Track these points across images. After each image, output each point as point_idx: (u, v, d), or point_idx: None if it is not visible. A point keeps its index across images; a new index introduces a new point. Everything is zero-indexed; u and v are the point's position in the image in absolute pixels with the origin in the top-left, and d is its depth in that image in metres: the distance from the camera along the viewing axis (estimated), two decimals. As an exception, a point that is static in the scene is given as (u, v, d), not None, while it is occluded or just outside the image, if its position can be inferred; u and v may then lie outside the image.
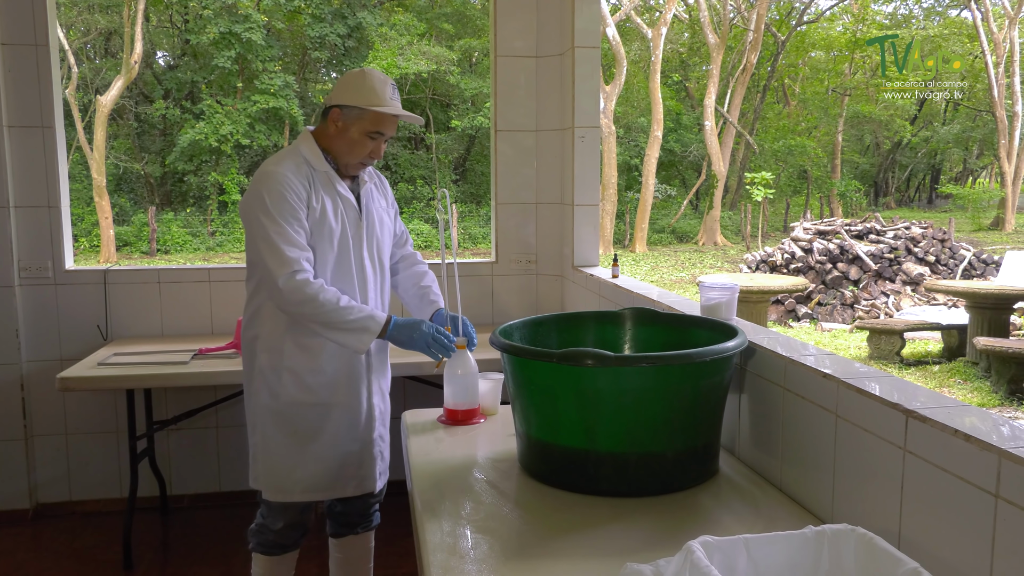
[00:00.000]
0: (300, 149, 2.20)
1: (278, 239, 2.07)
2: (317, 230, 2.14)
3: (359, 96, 2.14)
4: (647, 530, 1.46)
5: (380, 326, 2.12)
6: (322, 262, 2.16)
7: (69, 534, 3.37)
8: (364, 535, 2.48)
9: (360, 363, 2.25)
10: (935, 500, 1.19)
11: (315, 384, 2.20)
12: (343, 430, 2.24)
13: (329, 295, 2.08)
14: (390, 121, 2.18)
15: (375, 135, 2.17)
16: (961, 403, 1.29)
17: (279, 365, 2.19)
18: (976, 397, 6.49)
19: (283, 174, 2.11)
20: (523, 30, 3.68)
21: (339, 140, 2.19)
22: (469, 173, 25.16)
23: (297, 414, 2.20)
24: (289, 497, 2.24)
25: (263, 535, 2.31)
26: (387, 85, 2.17)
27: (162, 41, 22.94)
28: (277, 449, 2.22)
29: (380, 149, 2.20)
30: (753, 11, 22.21)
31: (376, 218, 2.31)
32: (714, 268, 16.71)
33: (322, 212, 2.15)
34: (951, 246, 11.32)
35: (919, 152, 32.58)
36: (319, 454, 2.22)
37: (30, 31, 3.32)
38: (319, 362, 2.19)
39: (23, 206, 3.40)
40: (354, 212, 2.24)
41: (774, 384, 1.67)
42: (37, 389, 3.46)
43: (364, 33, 21.69)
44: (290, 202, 2.09)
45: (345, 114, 2.16)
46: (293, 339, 2.18)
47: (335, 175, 2.21)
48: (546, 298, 3.80)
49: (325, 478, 2.24)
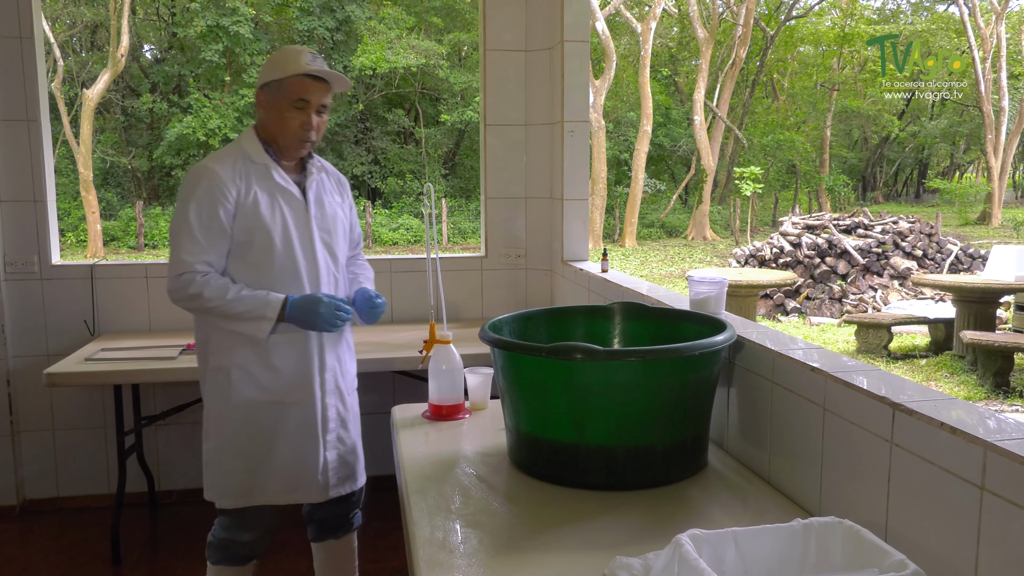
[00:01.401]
0: (241, 143, 2.18)
1: (183, 240, 2.08)
2: (250, 225, 2.10)
3: (274, 70, 2.12)
4: (636, 523, 1.47)
5: (276, 310, 2.08)
6: (266, 257, 2.12)
7: (57, 530, 3.35)
8: (346, 537, 2.45)
9: (312, 360, 2.20)
10: (921, 492, 1.20)
11: (267, 382, 2.16)
12: (300, 430, 2.19)
13: (214, 290, 2.06)
14: (311, 86, 2.12)
15: (300, 103, 2.11)
16: (947, 396, 1.29)
17: (230, 364, 2.15)
18: (962, 390, 6.54)
19: (213, 171, 2.09)
20: (512, 24, 3.68)
21: (270, 121, 2.15)
22: (459, 167, 25.12)
23: (252, 414, 2.16)
24: (249, 501, 2.19)
25: (229, 549, 2.23)
26: (302, 53, 2.13)
27: (149, 34, 22.77)
28: (235, 452, 2.17)
29: (312, 120, 2.14)
30: (742, 6, 22.24)
31: (329, 210, 2.26)
32: (703, 262, 16.75)
33: (255, 207, 2.11)
34: (938, 240, 11.39)
35: (907, 147, 32.78)
36: (278, 456, 2.18)
37: (15, 23, 3.29)
38: (269, 358, 2.15)
39: (8, 200, 3.37)
40: (299, 203, 2.18)
41: (762, 378, 1.67)
42: (24, 385, 3.44)
43: (353, 27, 21.61)
44: (212, 203, 2.07)
45: (267, 92, 2.14)
46: (240, 337, 2.14)
47: (276, 166, 2.17)
48: (535, 293, 3.80)
49: (285, 481, 2.19)
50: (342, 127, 22.57)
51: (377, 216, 20.69)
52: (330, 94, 2.18)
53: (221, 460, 2.19)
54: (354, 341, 2.39)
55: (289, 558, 3.05)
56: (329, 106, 2.21)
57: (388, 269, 3.68)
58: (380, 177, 23.13)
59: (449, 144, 24.64)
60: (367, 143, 23.32)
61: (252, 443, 2.17)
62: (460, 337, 2.36)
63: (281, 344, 2.16)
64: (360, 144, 23.30)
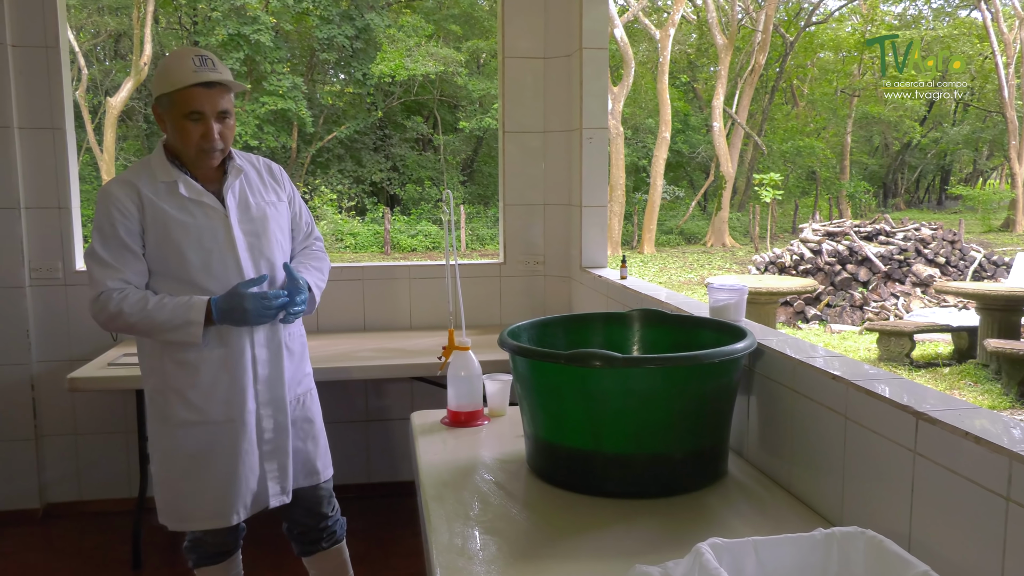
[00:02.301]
0: (149, 161, 2.11)
1: (91, 263, 2.05)
2: (162, 246, 2.05)
3: (162, 83, 2.01)
4: (655, 532, 1.46)
5: (202, 312, 2.00)
6: (183, 275, 2.06)
7: (78, 534, 3.38)
8: (334, 549, 2.42)
9: (246, 374, 2.12)
10: (945, 503, 1.19)
11: (199, 402, 2.10)
12: (235, 450, 2.12)
13: (132, 303, 2.00)
14: (202, 95, 1.99)
15: (194, 116, 2.00)
16: (971, 405, 1.28)
17: (164, 386, 2.12)
18: (986, 399, 6.46)
19: (111, 194, 2.04)
20: (531, 31, 3.68)
21: (170, 136, 2.06)
22: (477, 174, 25.18)
23: (188, 435, 2.11)
24: (189, 525, 2.17)
25: (200, 549, 2.26)
26: (187, 58, 1.99)
27: (171, 43, 23.01)
28: (175, 475, 2.14)
29: (211, 130, 2.02)
30: (761, 12, 22.17)
31: (255, 210, 2.15)
32: (722, 269, 16.67)
33: (163, 227, 2.04)
34: (961, 247, 11.27)
35: (929, 153, 32.45)
36: (214, 478, 2.12)
37: (40, 33, 3.34)
38: (199, 377, 2.09)
39: (34, 207, 3.41)
40: (216, 212, 2.09)
41: (783, 386, 1.66)
42: (47, 389, 3.48)
43: (372, 35, 21.75)
44: (113, 224, 2.02)
45: (160, 106, 2.05)
46: (170, 357, 2.09)
47: (187, 179, 2.08)
48: (554, 299, 3.80)
49: (220, 504, 2.13)
50: (361, 134, 22.71)
51: (396, 223, 20.77)
52: (230, 96, 2.07)
53: (167, 481, 2.16)
54: (372, 347, 2.36)
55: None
56: (232, 110, 2.08)
57: (407, 275, 3.70)
58: (399, 184, 23.24)
59: (467, 151, 24.70)
60: (386, 150, 23.44)
61: (189, 465, 2.13)
62: (478, 344, 2.36)
63: (212, 362, 2.10)
64: (379, 151, 23.42)
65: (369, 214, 21.80)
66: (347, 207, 21.78)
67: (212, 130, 2.02)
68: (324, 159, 22.69)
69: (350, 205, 21.99)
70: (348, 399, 3.64)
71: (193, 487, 2.13)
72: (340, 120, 22.42)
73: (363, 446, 3.67)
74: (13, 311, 3.39)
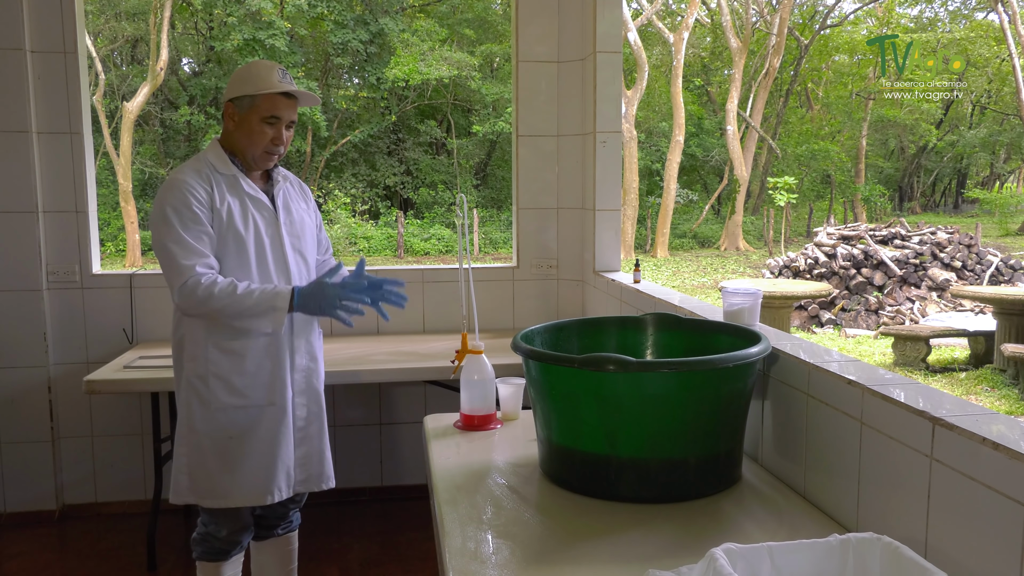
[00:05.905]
0: (206, 155, 2.23)
1: (175, 247, 2.09)
2: (226, 234, 2.16)
3: (247, 85, 2.17)
4: (669, 537, 1.45)
5: (287, 300, 2.10)
6: (241, 263, 2.17)
7: (94, 535, 3.40)
8: (285, 537, 2.49)
9: (284, 362, 2.25)
10: (962, 509, 1.18)
11: (243, 386, 2.21)
12: (275, 432, 2.24)
13: (222, 288, 2.07)
14: (282, 103, 2.19)
15: (271, 120, 2.18)
16: (989, 411, 1.27)
17: (206, 372, 2.19)
18: (1004, 405, 6.39)
19: (184, 181, 2.14)
20: (545, 35, 3.69)
21: (239, 134, 2.20)
22: (490, 178, 25.20)
23: (229, 418, 2.21)
24: (227, 503, 2.24)
25: (208, 543, 2.31)
26: (274, 70, 2.19)
27: (187, 48, 23.20)
28: (212, 455, 2.21)
29: (282, 135, 2.21)
30: (776, 15, 22.09)
31: (296, 216, 2.32)
32: (736, 273, 16.60)
33: (228, 215, 2.17)
34: (978, 251, 11.17)
35: (945, 156, 32.19)
36: (254, 457, 2.22)
37: (59, 39, 3.37)
38: (244, 364, 2.20)
39: (51, 211, 3.45)
40: (269, 211, 2.25)
41: (798, 390, 1.65)
42: (64, 391, 3.51)
43: (386, 39, 21.82)
44: (192, 209, 2.11)
45: (238, 106, 2.19)
46: (215, 344, 2.19)
47: (244, 176, 2.23)
48: (567, 303, 3.80)
49: (261, 482, 2.23)
50: (375, 138, 22.78)
51: (409, 226, 20.82)
52: (297, 109, 2.26)
53: (200, 463, 2.22)
54: (385, 350, 2.41)
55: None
56: (296, 121, 2.29)
57: (420, 279, 3.70)
58: (412, 187, 23.29)
59: (481, 155, 24.73)
60: (399, 154, 23.50)
61: (229, 445, 2.21)
62: (492, 347, 2.37)
63: (257, 350, 2.21)
64: (392, 155, 23.49)
65: (383, 218, 21.87)
66: (361, 211, 21.86)
67: (282, 135, 2.22)
68: (338, 163, 22.78)
69: (364, 209, 22.07)
70: (362, 402, 3.65)
71: (233, 466, 2.21)
72: (354, 124, 22.49)
73: (376, 449, 3.68)
74: (31, 314, 3.43)
